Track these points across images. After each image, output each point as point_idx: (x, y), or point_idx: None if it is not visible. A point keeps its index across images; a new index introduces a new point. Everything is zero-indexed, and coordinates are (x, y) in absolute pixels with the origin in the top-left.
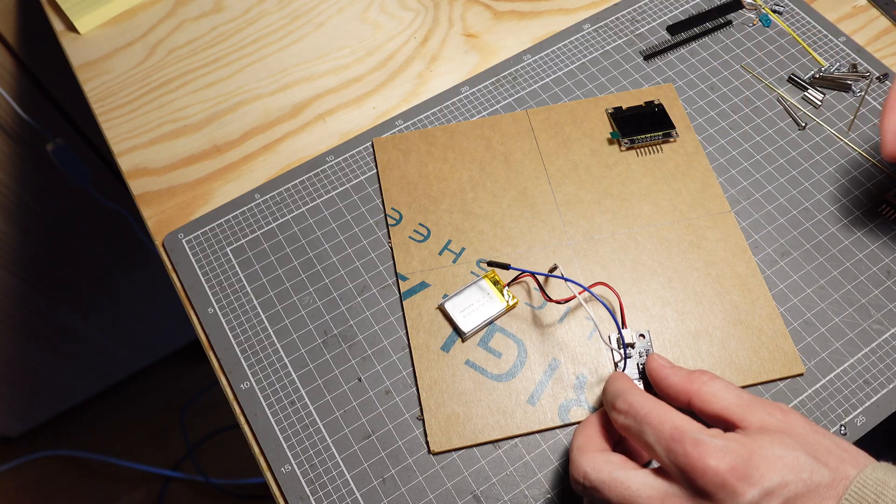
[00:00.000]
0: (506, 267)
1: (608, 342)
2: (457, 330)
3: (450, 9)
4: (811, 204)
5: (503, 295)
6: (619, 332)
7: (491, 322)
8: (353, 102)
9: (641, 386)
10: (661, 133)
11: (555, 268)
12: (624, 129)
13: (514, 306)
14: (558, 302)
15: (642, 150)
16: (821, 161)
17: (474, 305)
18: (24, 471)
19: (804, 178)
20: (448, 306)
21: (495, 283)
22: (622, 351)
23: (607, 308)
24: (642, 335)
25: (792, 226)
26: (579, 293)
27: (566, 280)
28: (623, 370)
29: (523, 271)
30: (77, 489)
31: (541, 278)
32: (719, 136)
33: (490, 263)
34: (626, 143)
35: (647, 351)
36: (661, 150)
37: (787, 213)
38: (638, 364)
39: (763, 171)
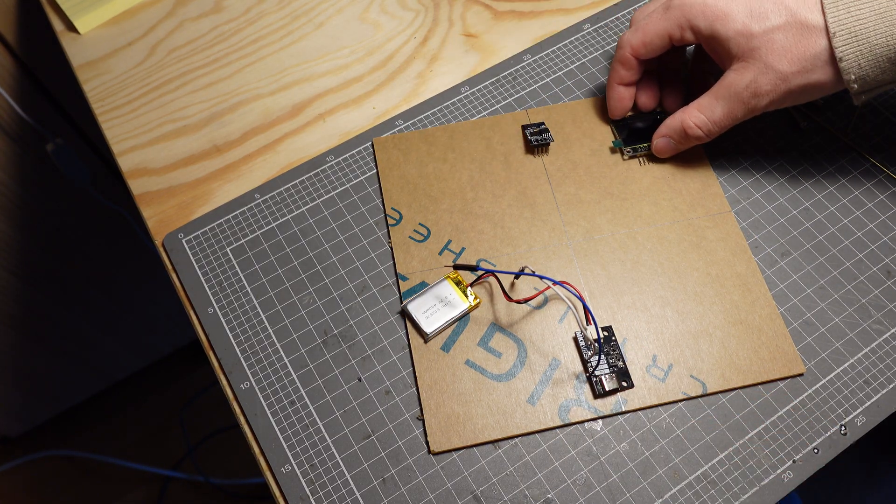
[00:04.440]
0: (472, 269)
1: (580, 339)
2: (419, 331)
3: (450, 9)
4: (811, 204)
5: (466, 295)
6: (593, 329)
7: (454, 323)
8: (353, 102)
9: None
10: None
11: (524, 269)
12: (626, 138)
13: (476, 306)
14: (519, 301)
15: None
16: (821, 161)
17: (437, 306)
18: (24, 471)
19: (804, 178)
20: (411, 308)
21: (458, 283)
22: (596, 345)
23: (582, 301)
24: (606, 331)
25: (792, 226)
26: (545, 289)
27: (535, 276)
28: (596, 366)
29: (487, 271)
30: (77, 489)
31: (507, 281)
32: (719, 136)
33: (456, 266)
34: (628, 153)
35: (615, 346)
36: None
37: (787, 213)
38: (608, 360)
39: (763, 171)
